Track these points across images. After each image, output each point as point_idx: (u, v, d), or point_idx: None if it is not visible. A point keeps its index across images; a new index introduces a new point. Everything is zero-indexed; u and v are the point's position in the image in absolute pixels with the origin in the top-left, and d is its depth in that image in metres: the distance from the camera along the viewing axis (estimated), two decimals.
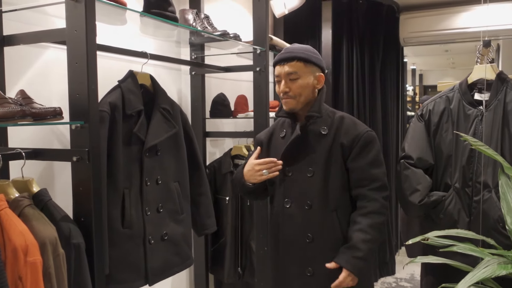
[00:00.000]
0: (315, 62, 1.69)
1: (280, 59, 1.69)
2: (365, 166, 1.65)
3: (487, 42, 1.91)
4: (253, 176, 1.71)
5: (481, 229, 1.78)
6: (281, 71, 1.68)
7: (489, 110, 1.86)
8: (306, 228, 1.68)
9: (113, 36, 1.97)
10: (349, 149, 1.66)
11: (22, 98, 1.34)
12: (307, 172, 1.68)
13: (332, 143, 1.67)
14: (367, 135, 1.66)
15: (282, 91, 1.68)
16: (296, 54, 1.67)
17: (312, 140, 1.69)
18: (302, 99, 1.68)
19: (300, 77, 1.66)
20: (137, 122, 1.77)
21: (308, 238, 1.67)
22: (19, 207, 1.30)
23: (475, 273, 1.30)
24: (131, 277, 1.75)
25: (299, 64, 1.66)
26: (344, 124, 1.69)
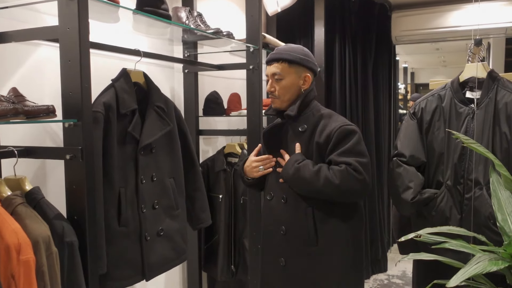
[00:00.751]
0: (301, 63, 1.73)
1: (268, 59, 1.78)
2: (334, 157, 1.66)
3: (479, 40, 1.93)
4: (251, 171, 1.84)
5: (473, 226, 1.80)
6: (269, 71, 1.77)
7: (480, 108, 1.88)
8: (281, 221, 1.76)
9: (106, 34, 1.96)
10: (325, 145, 1.69)
11: (15, 96, 1.33)
12: None
13: (308, 141, 1.73)
14: (340, 130, 1.67)
15: (267, 90, 1.77)
16: (281, 55, 1.73)
17: (292, 137, 1.77)
18: (286, 99, 1.75)
19: (283, 77, 1.73)
20: (132, 121, 1.77)
21: (282, 231, 1.75)
22: (12, 205, 1.29)
23: (467, 269, 1.32)
24: (129, 273, 1.76)
25: (283, 65, 1.73)
26: (320, 122, 1.73)
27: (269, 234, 1.83)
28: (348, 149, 1.66)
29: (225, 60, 2.63)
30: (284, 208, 1.76)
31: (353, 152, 1.66)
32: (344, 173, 1.64)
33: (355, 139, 1.68)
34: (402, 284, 3.72)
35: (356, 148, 1.67)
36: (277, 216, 1.78)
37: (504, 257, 1.40)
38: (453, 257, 1.69)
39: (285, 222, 1.75)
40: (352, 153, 1.66)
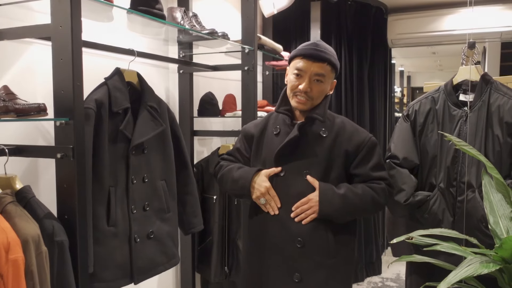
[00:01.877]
0: (337, 69, 1.66)
1: (312, 55, 1.58)
2: (368, 171, 1.63)
3: (472, 43, 1.94)
4: (254, 192, 1.64)
5: (465, 229, 1.80)
6: (308, 68, 1.58)
7: (473, 111, 1.88)
8: (297, 232, 1.59)
9: (101, 33, 1.96)
10: (354, 155, 1.63)
11: (6, 94, 1.33)
12: (303, 174, 1.61)
13: (333, 148, 1.62)
14: (371, 142, 1.65)
15: (303, 89, 1.58)
16: (329, 56, 1.60)
17: (311, 141, 1.63)
18: (316, 102, 1.64)
19: (324, 81, 1.61)
20: (124, 119, 1.75)
21: (299, 243, 1.59)
22: (2, 204, 1.28)
23: (458, 271, 1.32)
24: (116, 275, 1.72)
25: (327, 67, 1.60)
26: (346, 130, 1.65)
27: (276, 249, 1.63)
28: (379, 163, 1.65)
29: (220, 61, 2.63)
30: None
31: (383, 166, 1.67)
32: (385, 191, 1.64)
33: (380, 152, 1.68)
34: (396, 286, 3.72)
35: (382, 161, 1.68)
36: (289, 228, 1.60)
37: (495, 260, 1.40)
38: (446, 259, 1.69)
39: (302, 234, 1.59)
40: (382, 167, 1.67)
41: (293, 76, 1.61)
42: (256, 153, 1.72)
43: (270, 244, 1.64)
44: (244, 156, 1.79)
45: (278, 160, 1.63)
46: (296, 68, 1.60)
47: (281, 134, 1.67)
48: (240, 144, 1.81)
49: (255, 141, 1.73)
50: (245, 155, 1.78)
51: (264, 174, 1.64)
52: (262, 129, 1.73)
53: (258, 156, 1.72)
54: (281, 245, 1.62)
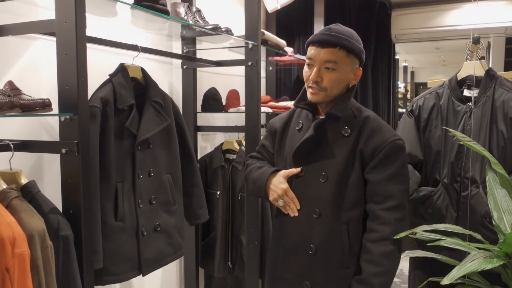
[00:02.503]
0: (358, 54, 1.43)
1: (320, 40, 1.40)
2: (382, 180, 1.40)
3: (477, 39, 1.93)
4: (272, 192, 1.52)
5: (469, 224, 1.80)
6: (317, 56, 1.40)
7: (477, 106, 1.87)
8: (310, 238, 1.47)
9: (105, 29, 1.96)
10: (370, 158, 1.42)
11: (10, 89, 1.33)
12: (319, 177, 1.46)
13: (352, 148, 1.43)
14: (392, 145, 1.40)
15: (312, 78, 1.41)
16: (341, 39, 1.38)
17: (331, 141, 1.46)
18: (334, 94, 1.44)
19: (338, 68, 1.40)
20: (129, 116, 1.77)
21: (311, 250, 1.47)
22: (7, 198, 1.29)
23: (461, 267, 1.32)
24: (125, 268, 1.76)
25: (341, 53, 1.39)
26: (368, 127, 1.44)
27: (290, 253, 1.54)
28: (395, 173, 1.41)
29: (224, 56, 2.62)
30: (316, 224, 1.46)
31: (400, 176, 1.42)
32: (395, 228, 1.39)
33: (403, 158, 1.43)
34: (399, 282, 3.72)
35: (403, 171, 1.43)
36: (305, 232, 1.48)
37: (499, 255, 1.40)
38: (449, 255, 1.69)
39: (315, 240, 1.46)
40: (398, 179, 1.42)
41: (306, 67, 1.46)
42: (279, 149, 1.60)
43: (287, 246, 1.55)
44: (270, 152, 1.67)
45: (297, 160, 1.49)
46: (307, 57, 1.44)
47: (303, 130, 1.52)
48: (265, 140, 1.70)
49: (278, 137, 1.60)
50: (270, 151, 1.67)
51: (282, 175, 1.51)
52: (286, 123, 1.60)
53: (281, 153, 1.59)
54: (295, 250, 1.52)
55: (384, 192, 1.40)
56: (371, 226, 1.42)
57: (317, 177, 1.46)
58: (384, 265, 1.38)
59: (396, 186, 1.41)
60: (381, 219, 1.40)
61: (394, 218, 1.39)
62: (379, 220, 1.40)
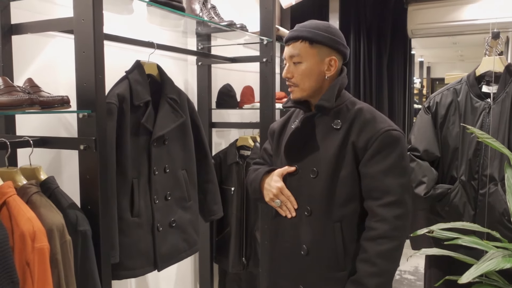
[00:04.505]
0: (325, 43, 1.38)
1: (286, 38, 1.43)
2: (378, 174, 1.33)
3: (496, 33, 1.90)
4: (267, 192, 1.49)
5: (486, 223, 1.78)
6: (286, 53, 1.43)
7: (496, 103, 1.84)
8: (302, 238, 1.42)
9: (121, 26, 1.97)
10: (363, 151, 1.35)
11: (30, 86, 1.35)
12: (310, 173, 1.41)
13: (343, 141, 1.37)
14: (386, 135, 1.33)
15: (284, 76, 1.44)
16: (300, 32, 1.38)
17: (320, 135, 1.41)
18: (307, 87, 1.40)
19: (303, 60, 1.38)
20: (145, 112, 1.79)
21: (303, 250, 1.41)
22: (27, 194, 1.31)
23: (479, 265, 1.30)
24: (141, 263, 1.78)
25: (303, 44, 1.38)
26: (360, 119, 1.38)
27: (282, 255, 1.49)
28: (392, 166, 1.33)
29: (238, 53, 2.62)
30: (307, 223, 1.41)
31: (397, 169, 1.34)
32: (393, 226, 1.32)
33: (400, 150, 1.34)
34: (414, 280, 3.69)
35: (401, 163, 1.34)
36: (297, 232, 1.43)
37: None
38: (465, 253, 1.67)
39: (307, 241, 1.41)
40: (396, 172, 1.33)
41: None
42: (277, 150, 1.57)
43: (280, 249, 1.50)
44: (271, 155, 1.64)
45: (289, 157, 1.46)
46: (284, 59, 1.46)
47: None
48: (267, 144, 1.68)
49: (276, 137, 1.58)
50: (271, 153, 1.64)
51: (277, 174, 1.47)
52: (284, 124, 1.58)
53: (278, 152, 1.56)
54: (288, 251, 1.46)
55: (381, 187, 1.33)
56: (369, 223, 1.35)
57: (308, 172, 1.42)
58: (379, 265, 1.30)
59: (394, 180, 1.32)
60: (378, 216, 1.32)
61: (392, 215, 1.31)
62: (376, 217, 1.33)
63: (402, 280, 3.68)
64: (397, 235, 1.32)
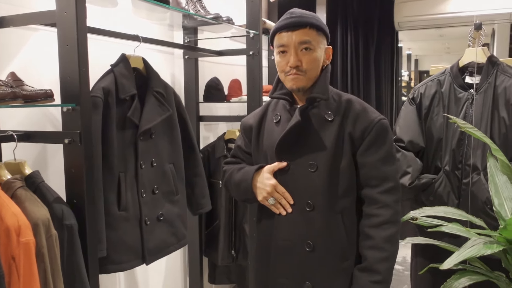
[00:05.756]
0: (326, 32, 1.40)
1: (289, 24, 1.35)
2: (376, 162, 1.37)
3: (478, 25, 1.92)
4: (260, 191, 1.44)
5: (470, 211, 1.81)
6: (290, 40, 1.34)
7: (479, 93, 1.87)
8: (307, 234, 1.40)
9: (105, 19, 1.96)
10: (360, 140, 1.38)
11: (13, 80, 1.34)
12: (308, 167, 1.39)
13: (339, 132, 1.38)
14: (380, 124, 1.37)
15: (292, 64, 1.35)
16: (309, 19, 1.35)
17: (315, 127, 1.40)
18: (314, 76, 1.39)
19: (314, 48, 1.35)
20: (131, 106, 1.78)
21: (308, 246, 1.39)
22: (12, 188, 1.31)
23: (461, 252, 1.33)
24: (129, 257, 1.78)
25: (312, 32, 1.35)
26: (353, 110, 1.40)
27: (283, 253, 1.44)
28: (388, 153, 1.38)
29: (225, 46, 2.62)
30: (310, 218, 1.39)
31: (392, 157, 1.40)
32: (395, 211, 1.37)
33: (391, 138, 1.41)
34: (402, 269, 3.74)
35: (393, 150, 1.41)
36: (299, 228, 1.40)
37: (499, 241, 1.41)
38: (450, 242, 1.70)
39: (312, 235, 1.39)
40: (391, 159, 1.39)
41: (279, 56, 1.39)
42: (257, 146, 1.52)
43: (278, 248, 1.45)
44: (246, 153, 1.59)
45: (281, 152, 1.42)
46: (279, 46, 1.38)
47: (281, 122, 1.46)
48: (240, 141, 1.61)
49: (254, 133, 1.52)
50: (247, 151, 1.59)
51: (267, 171, 1.43)
52: (261, 118, 1.53)
53: (259, 149, 1.51)
54: (289, 249, 1.43)
55: (380, 174, 1.37)
56: (370, 211, 1.37)
57: (305, 167, 1.40)
58: (388, 249, 1.34)
59: (390, 168, 1.38)
60: (380, 203, 1.36)
61: (393, 200, 1.36)
62: (378, 204, 1.36)
63: None
64: (398, 219, 1.38)
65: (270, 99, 1.54)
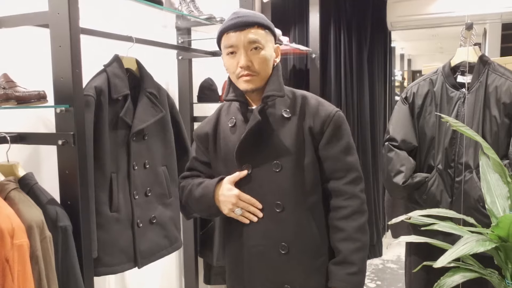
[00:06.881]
0: (272, 29, 1.39)
1: (237, 24, 1.32)
2: (339, 154, 1.37)
3: (470, 24, 1.94)
4: (224, 203, 1.39)
5: (463, 209, 1.82)
6: (239, 40, 1.31)
7: (471, 92, 1.89)
8: (280, 236, 1.36)
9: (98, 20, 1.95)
10: (320, 135, 1.37)
11: (5, 81, 1.34)
12: (272, 167, 1.36)
13: (298, 129, 1.37)
14: (337, 116, 1.38)
15: (243, 64, 1.32)
16: (255, 18, 1.34)
17: (274, 126, 1.37)
18: (266, 75, 1.37)
19: (263, 47, 1.34)
20: (124, 106, 1.77)
21: (283, 248, 1.36)
22: (5, 190, 1.30)
23: (454, 249, 1.34)
24: (120, 260, 1.76)
25: (260, 31, 1.34)
26: (309, 105, 1.39)
27: (257, 258, 1.40)
28: (348, 144, 1.39)
29: None
30: (281, 219, 1.36)
31: (352, 147, 1.40)
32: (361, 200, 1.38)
33: (348, 129, 1.42)
34: (396, 268, 3.76)
35: (351, 141, 1.41)
36: (271, 232, 1.37)
37: (491, 238, 1.43)
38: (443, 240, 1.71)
39: (286, 236, 1.36)
40: (352, 149, 1.40)
41: (228, 57, 1.36)
42: (215, 154, 1.47)
43: (251, 255, 1.40)
44: (204, 163, 1.53)
45: (241, 156, 1.37)
46: (227, 47, 1.35)
47: (237, 125, 1.41)
48: (195, 152, 1.55)
49: (211, 140, 1.47)
50: (205, 161, 1.52)
51: (228, 182, 1.38)
52: (215, 124, 1.48)
53: (218, 156, 1.46)
54: (263, 255, 1.39)
55: (343, 166, 1.37)
56: (338, 203, 1.37)
57: (269, 168, 1.36)
58: (360, 239, 1.34)
59: (352, 158, 1.39)
60: (347, 194, 1.36)
61: (359, 190, 1.38)
62: (344, 195, 1.37)
63: (385, 269, 3.75)
64: (365, 208, 1.38)
65: (221, 105, 1.53)
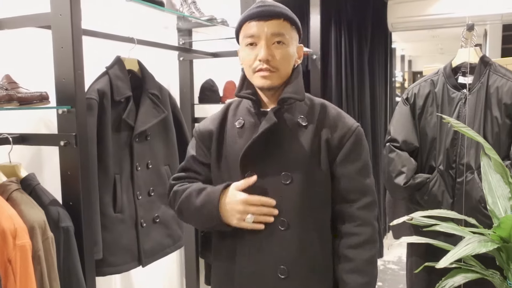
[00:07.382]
0: (300, 28, 1.24)
1: (261, 13, 1.16)
2: (355, 174, 1.21)
3: (471, 25, 1.94)
4: (232, 216, 1.19)
5: (464, 210, 1.82)
6: (262, 30, 1.16)
7: (472, 93, 1.89)
8: (280, 257, 1.19)
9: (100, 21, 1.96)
10: (337, 149, 1.21)
11: (8, 82, 1.34)
12: (281, 178, 1.19)
13: (314, 139, 1.21)
14: (358, 131, 1.23)
15: (263, 57, 1.15)
16: (283, 10, 1.18)
17: (287, 134, 1.21)
18: (286, 74, 1.20)
19: (287, 42, 1.18)
20: (126, 108, 1.79)
21: (282, 272, 1.18)
22: (7, 191, 1.31)
23: (456, 250, 1.34)
24: (125, 259, 1.79)
25: (286, 24, 1.18)
26: (328, 115, 1.23)
27: (252, 282, 1.21)
28: (365, 164, 1.24)
29: (220, 47, 2.63)
30: (284, 238, 1.19)
31: (369, 167, 1.25)
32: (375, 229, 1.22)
33: (367, 146, 1.27)
34: (397, 269, 3.76)
35: (369, 161, 1.26)
36: (270, 252, 1.19)
37: (493, 239, 1.42)
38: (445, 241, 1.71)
39: (287, 259, 1.19)
40: (369, 170, 1.25)
41: (247, 49, 1.19)
42: (217, 157, 1.27)
43: (243, 278, 1.22)
44: (204, 164, 1.32)
45: (247, 162, 1.19)
46: (247, 36, 1.18)
47: (246, 127, 1.24)
48: (194, 151, 1.33)
49: (215, 140, 1.28)
50: (205, 162, 1.31)
51: (235, 188, 1.20)
52: (220, 123, 1.29)
53: (220, 160, 1.27)
54: (258, 278, 1.20)
55: (359, 187, 1.22)
56: (349, 229, 1.21)
57: (278, 179, 1.19)
58: (370, 273, 1.19)
59: (369, 180, 1.23)
60: (360, 220, 1.20)
61: (373, 217, 1.22)
62: (357, 221, 1.20)
63: (386, 270, 3.75)
64: (377, 238, 1.23)
65: (229, 102, 1.35)
